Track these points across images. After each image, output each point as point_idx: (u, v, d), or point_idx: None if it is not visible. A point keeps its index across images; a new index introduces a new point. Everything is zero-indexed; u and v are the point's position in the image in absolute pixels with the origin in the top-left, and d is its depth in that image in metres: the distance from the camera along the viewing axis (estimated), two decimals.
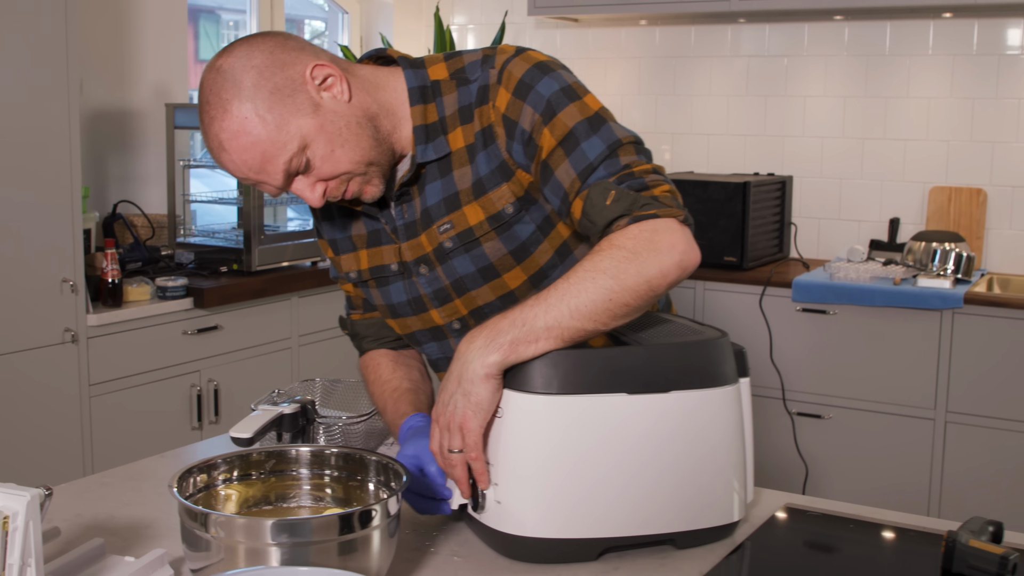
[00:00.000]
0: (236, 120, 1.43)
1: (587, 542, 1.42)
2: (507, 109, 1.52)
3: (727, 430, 1.47)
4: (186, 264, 3.79)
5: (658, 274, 1.41)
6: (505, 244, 1.57)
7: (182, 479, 1.31)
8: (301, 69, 1.47)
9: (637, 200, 1.44)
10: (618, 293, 1.39)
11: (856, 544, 1.56)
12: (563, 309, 1.38)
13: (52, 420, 3.19)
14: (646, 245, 1.41)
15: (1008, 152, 4.16)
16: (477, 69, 1.57)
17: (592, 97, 1.54)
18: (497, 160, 1.54)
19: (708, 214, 4.13)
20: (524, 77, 1.52)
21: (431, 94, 1.57)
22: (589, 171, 1.48)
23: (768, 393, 4.06)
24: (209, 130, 1.46)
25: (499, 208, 1.55)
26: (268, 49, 1.46)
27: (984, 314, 3.68)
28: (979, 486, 3.73)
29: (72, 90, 3.18)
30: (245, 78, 1.43)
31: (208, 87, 1.46)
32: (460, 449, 1.39)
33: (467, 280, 1.61)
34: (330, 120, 1.47)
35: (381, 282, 1.70)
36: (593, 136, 1.49)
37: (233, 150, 1.45)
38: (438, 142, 1.56)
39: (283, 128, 1.44)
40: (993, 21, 4.12)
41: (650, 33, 4.78)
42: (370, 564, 1.23)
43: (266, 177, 1.47)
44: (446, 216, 1.58)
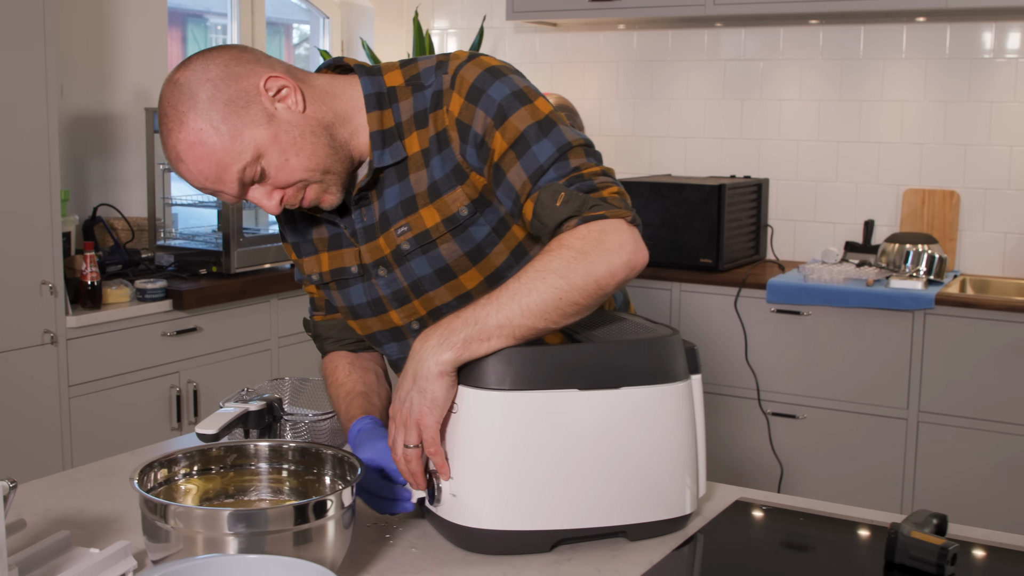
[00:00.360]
0: (192, 132, 1.47)
1: (540, 534, 1.46)
2: (460, 113, 1.56)
3: (678, 425, 1.52)
4: (166, 266, 3.83)
5: (606, 273, 1.45)
6: (461, 246, 1.61)
7: (143, 473, 1.35)
8: (255, 81, 1.51)
9: (586, 202, 1.48)
10: (568, 292, 1.43)
11: (804, 536, 1.60)
12: (514, 308, 1.42)
13: (31, 421, 3.22)
14: (595, 245, 1.45)
15: (980, 154, 4.22)
16: (431, 75, 1.61)
17: (543, 100, 1.58)
18: (452, 163, 1.58)
19: (684, 216, 4.18)
20: (476, 82, 1.56)
21: (387, 100, 1.61)
22: (540, 173, 1.52)
23: (743, 393, 4.11)
24: (167, 141, 1.50)
25: (454, 210, 1.59)
26: (223, 62, 1.51)
27: (955, 315, 3.73)
28: (951, 484, 3.78)
29: (51, 94, 3.22)
30: (201, 91, 1.48)
31: (166, 100, 1.50)
32: (416, 444, 1.43)
33: (424, 281, 1.65)
34: (284, 130, 1.52)
35: (341, 284, 1.74)
36: (543, 139, 1.53)
37: (190, 160, 1.49)
38: (394, 147, 1.60)
39: (237, 139, 1.48)
40: (965, 25, 4.18)
41: (628, 37, 4.83)
42: (325, 554, 1.27)
43: (222, 186, 1.51)
44: (403, 219, 1.62)
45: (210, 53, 1.53)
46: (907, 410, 3.85)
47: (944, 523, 1.51)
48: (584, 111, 4.91)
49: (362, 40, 4.94)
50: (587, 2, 4.46)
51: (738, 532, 1.61)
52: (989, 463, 3.72)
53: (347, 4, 5.25)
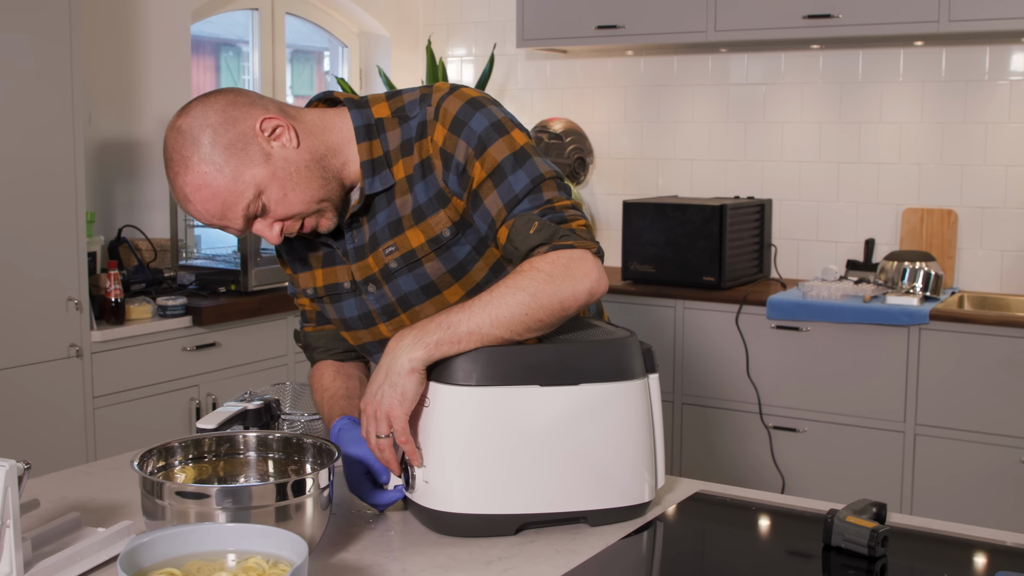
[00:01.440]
0: (197, 175, 1.62)
1: (506, 518, 1.60)
2: (444, 143, 1.70)
3: (634, 419, 1.65)
4: (187, 285, 4.00)
5: (570, 296, 1.61)
6: (444, 264, 1.76)
7: (143, 460, 1.50)
8: (252, 123, 1.65)
9: (557, 231, 1.64)
10: (534, 309, 1.58)
11: (753, 524, 1.74)
12: (484, 317, 1.57)
13: (57, 430, 3.39)
14: (562, 271, 1.61)
15: (977, 174, 4.33)
16: (416, 107, 1.75)
17: (519, 132, 1.73)
18: (435, 189, 1.72)
19: (687, 236, 4.31)
20: (458, 113, 1.70)
21: (375, 131, 1.75)
22: (515, 203, 1.67)
23: (745, 408, 4.23)
24: (175, 184, 1.65)
25: (437, 232, 1.73)
26: (220, 108, 1.65)
27: (949, 330, 3.84)
28: (947, 495, 3.88)
29: (77, 122, 3.40)
30: (202, 136, 1.62)
31: (171, 146, 1.64)
32: (387, 435, 1.58)
33: (411, 297, 1.79)
34: (281, 167, 1.66)
35: (335, 298, 1.88)
36: (519, 170, 1.68)
37: (196, 201, 1.64)
38: (383, 174, 1.74)
39: (238, 179, 1.63)
40: (960, 49, 4.30)
41: (635, 63, 4.98)
42: (304, 530, 1.42)
43: (227, 222, 1.66)
44: (390, 239, 1.75)
45: (208, 99, 1.67)
46: (904, 423, 3.95)
47: (883, 511, 1.64)
48: (593, 135, 5.07)
49: (379, 68, 5.12)
50: (595, 29, 4.62)
51: (692, 520, 1.74)
52: (985, 474, 3.82)
53: (365, 33, 5.43)
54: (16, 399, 3.29)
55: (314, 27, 5.28)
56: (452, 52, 5.45)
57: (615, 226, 4.99)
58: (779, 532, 1.72)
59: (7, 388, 3.27)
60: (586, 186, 5.11)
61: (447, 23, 5.45)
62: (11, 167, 3.25)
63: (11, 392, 3.28)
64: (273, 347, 4.06)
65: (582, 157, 4.98)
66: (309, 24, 5.24)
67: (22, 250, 3.29)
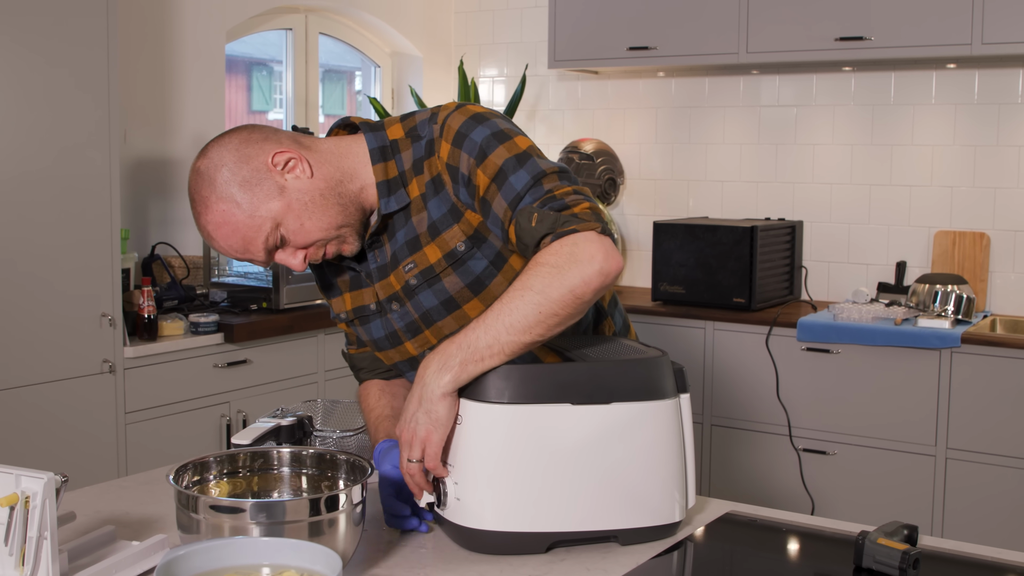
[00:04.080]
0: (217, 213, 1.68)
1: (537, 536, 1.60)
2: (449, 158, 1.73)
3: (666, 439, 1.65)
4: (219, 302, 4.03)
5: (581, 283, 1.58)
6: (462, 278, 1.77)
7: (178, 474, 1.51)
8: (264, 159, 1.70)
9: (558, 219, 1.63)
10: (547, 306, 1.57)
11: (783, 545, 1.73)
12: (500, 327, 1.57)
13: (90, 445, 3.42)
14: (567, 259, 1.59)
15: (1010, 197, 4.31)
16: (426, 126, 1.78)
17: (522, 138, 1.73)
18: (448, 204, 1.74)
19: (718, 257, 4.31)
20: (461, 128, 1.73)
21: (390, 152, 1.78)
22: (517, 200, 1.67)
23: (775, 430, 4.22)
24: (198, 222, 1.72)
25: (452, 247, 1.75)
26: (234, 146, 1.70)
27: (981, 353, 3.82)
28: (978, 518, 3.85)
29: (113, 140, 3.44)
30: (218, 176, 1.68)
31: (192, 187, 1.71)
32: (419, 460, 1.59)
33: (433, 312, 1.81)
34: (296, 198, 1.70)
35: (363, 320, 1.91)
36: (520, 170, 1.68)
37: (219, 237, 1.70)
38: (399, 194, 1.77)
39: (255, 214, 1.68)
40: (993, 71, 4.29)
41: (667, 84, 4.99)
42: (336, 545, 1.43)
43: (251, 255, 1.72)
44: (409, 257, 1.78)
45: (223, 139, 1.72)
46: (935, 446, 3.93)
47: (915, 533, 1.63)
48: (624, 156, 5.08)
49: (411, 88, 5.16)
50: (626, 51, 4.64)
51: (722, 540, 1.74)
52: (1016, 497, 3.79)
53: (397, 53, 5.47)
54: (50, 413, 3.33)
55: (346, 47, 5.33)
56: (484, 72, 5.48)
57: (645, 247, 5.00)
58: (809, 554, 1.72)
59: (41, 402, 3.30)
60: (617, 207, 5.12)
61: (479, 43, 5.49)
62: (48, 184, 3.29)
63: (45, 406, 3.31)
64: (304, 364, 4.09)
65: (613, 178, 4.99)
66: (342, 44, 5.29)
67: (57, 266, 3.33)
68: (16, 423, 3.25)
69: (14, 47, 3.21)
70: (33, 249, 3.28)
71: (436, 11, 5.47)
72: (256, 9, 4.62)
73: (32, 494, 1.36)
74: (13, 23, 3.20)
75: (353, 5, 5.03)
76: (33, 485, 1.36)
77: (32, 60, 3.25)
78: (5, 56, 3.20)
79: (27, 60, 3.24)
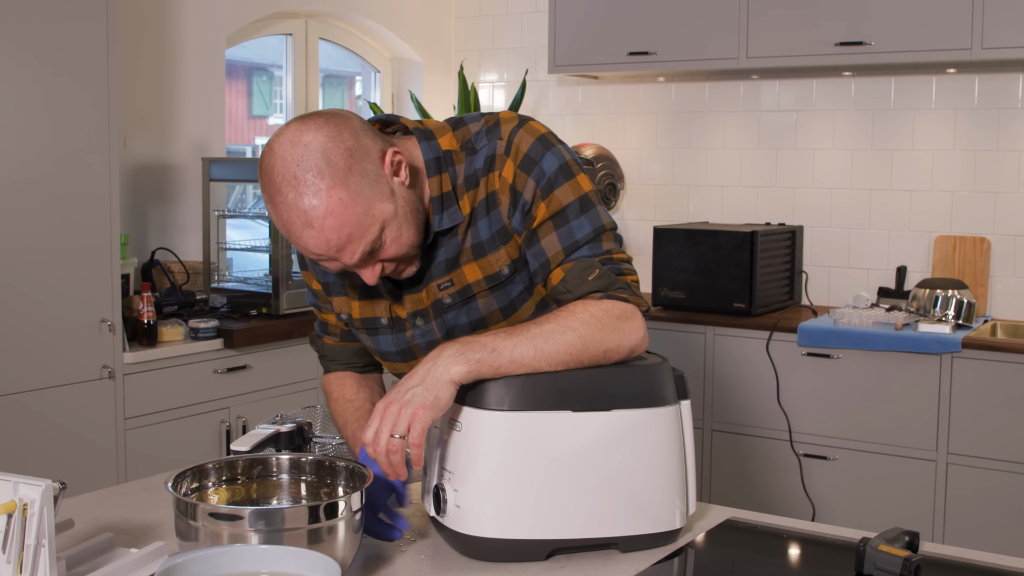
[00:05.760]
0: (332, 200, 1.51)
1: (537, 543, 1.59)
2: (514, 180, 1.68)
3: (666, 446, 1.65)
4: (219, 307, 4.03)
5: (615, 348, 1.62)
6: (497, 301, 1.75)
7: (176, 481, 1.50)
8: (379, 154, 1.59)
9: (615, 282, 1.66)
10: (579, 352, 1.59)
11: (784, 551, 1.73)
12: (529, 349, 1.56)
13: (89, 451, 3.42)
14: (613, 322, 1.63)
15: (1010, 202, 4.31)
16: (483, 138, 1.71)
17: (584, 177, 1.71)
18: (499, 225, 1.71)
19: (718, 262, 4.30)
20: (530, 151, 1.68)
21: (444, 164, 1.70)
22: (574, 247, 1.68)
23: (776, 435, 4.21)
24: (295, 206, 1.52)
25: (497, 269, 1.72)
26: (353, 132, 1.56)
27: (982, 358, 3.81)
28: (980, 524, 3.84)
29: (113, 145, 3.44)
30: (339, 159, 1.52)
31: (294, 161, 1.51)
32: (403, 436, 1.50)
33: (457, 331, 1.77)
34: (401, 205, 1.60)
35: (372, 332, 1.86)
36: (582, 216, 1.68)
37: (322, 228, 1.52)
38: (452, 211, 1.70)
39: (370, 212, 1.55)
40: (993, 76, 4.29)
41: (667, 89, 4.99)
42: (336, 553, 1.42)
43: (343, 256, 1.57)
44: (446, 275, 1.73)
45: (334, 118, 1.57)
46: (936, 451, 3.92)
47: (916, 540, 1.63)
48: (625, 161, 5.07)
49: (411, 93, 5.16)
50: (627, 55, 4.63)
51: (723, 547, 1.74)
52: (1018, 503, 3.78)
53: (397, 59, 5.47)
54: (49, 419, 3.32)
55: (347, 52, 5.32)
56: (484, 77, 5.48)
57: (646, 252, 4.99)
58: (810, 560, 1.71)
59: (41, 408, 3.30)
60: (617, 212, 5.12)
61: (479, 49, 5.49)
62: (48, 189, 3.29)
63: (44, 412, 3.31)
64: (303, 370, 4.08)
65: (613, 183, 4.99)
66: (342, 49, 5.29)
67: (57, 271, 3.33)
68: (15, 428, 3.25)
69: (14, 52, 3.21)
70: (33, 254, 3.27)
71: (436, 16, 5.47)
72: (256, 14, 4.62)
73: (30, 501, 1.35)
74: (13, 29, 3.20)
75: (353, 10, 5.03)
76: (31, 492, 1.35)
77: (32, 65, 3.24)
78: (4, 62, 3.19)
79: (27, 66, 3.24)
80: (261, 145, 5.09)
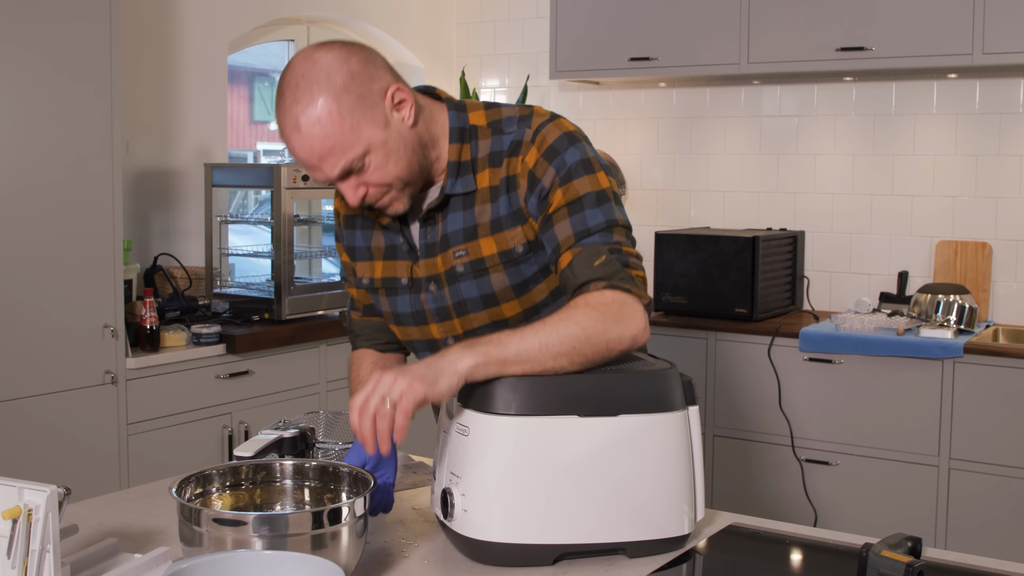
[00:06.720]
0: (320, 110, 1.62)
1: (544, 548, 1.60)
2: (534, 166, 1.76)
3: (674, 451, 1.65)
4: (221, 313, 4.03)
5: (617, 339, 1.65)
6: (510, 278, 1.80)
7: (181, 487, 1.51)
8: (384, 87, 1.69)
9: (619, 272, 1.70)
10: (582, 343, 1.61)
11: (787, 556, 1.73)
12: (535, 342, 1.59)
13: (92, 456, 3.42)
14: (615, 313, 1.65)
15: (1012, 207, 4.31)
16: (514, 124, 1.80)
17: (604, 175, 1.79)
18: (515, 206, 1.78)
19: (719, 267, 4.30)
20: (555, 143, 1.77)
21: (468, 136, 1.80)
22: (585, 234, 1.73)
23: (777, 440, 4.21)
24: (290, 110, 1.64)
25: (511, 246, 1.79)
26: (362, 60, 1.68)
27: (984, 363, 3.81)
28: (982, 529, 3.84)
29: (116, 152, 3.44)
30: (338, 78, 1.64)
31: (300, 72, 1.64)
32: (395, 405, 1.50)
33: (469, 303, 1.83)
34: (393, 138, 1.69)
35: (390, 292, 1.91)
36: (597, 208, 1.74)
37: (307, 136, 1.64)
38: (466, 179, 1.79)
39: (356, 131, 1.65)
40: (994, 81, 4.29)
41: (668, 95, 5.00)
42: (339, 558, 1.42)
43: (323, 168, 1.67)
44: (463, 244, 1.80)
45: (351, 47, 1.70)
46: (938, 456, 3.92)
47: (918, 545, 1.62)
48: (626, 166, 5.08)
49: None
50: (628, 61, 4.64)
51: (727, 552, 1.74)
52: (1020, 509, 3.78)
53: (398, 64, 5.46)
54: (52, 425, 3.32)
55: None
56: (485, 83, 5.48)
57: (647, 257, 4.99)
58: (813, 566, 1.71)
59: (43, 414, 3.30)
60: None
61: (480, 54, 5.49)
62: (50, 195, 3.29)
63: (47, 417, 3.31)
64: (306, 375, 4.08)
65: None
66: None
67: (59, 277, 3.33)
68: (18, 434, 3.25)
69: (17, 54, 3.21)
70: (35, 260, 3.28)
71: (438, 22, 5.47)
72: (258, 20, 4.62)
73: (35, 507, 1.36)
74: (16, 39, 3.20)
75: (355, 16, 5.04)
76: (36, 498, 1.36)
77: (35, 72, 3.25)
78: (5, 73, 3.20)
79: (30, 72, 3.24)
80: (263, 151, 5.11)
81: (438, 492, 1.65)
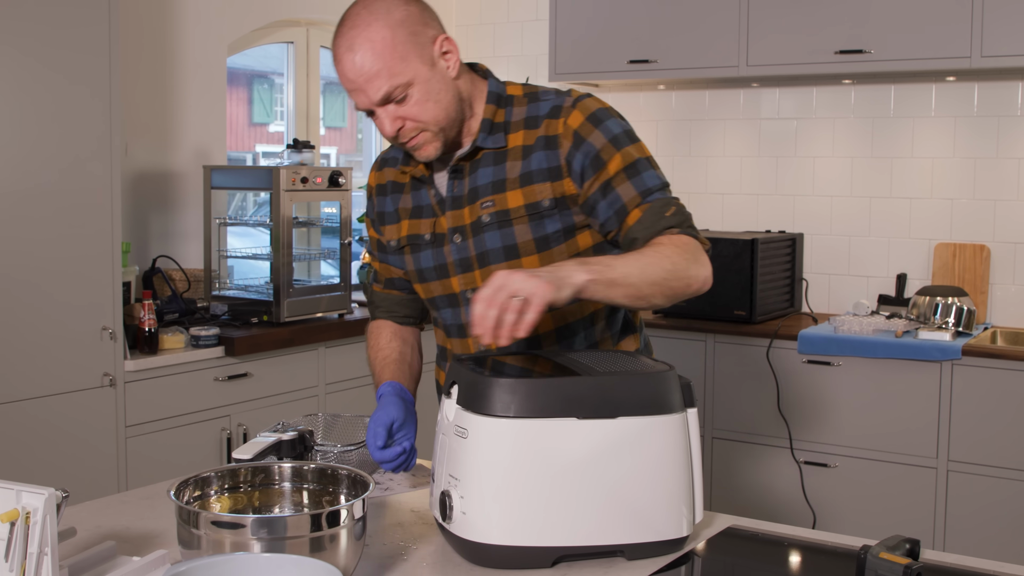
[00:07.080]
0: (376, 32, 1.76)
1: (543, 550, 1.60)
2: (580, 127, 1.87)
3: (672, 453, 1.65)
4: (220, 315, 4.03)
5: (695, 278, 1.78)
6: (532, 231, 1.89)
7: (179, 490, 1.51)
8: (435, 33, 1.83)
9: (688, 220, 1.86)
10: (671, 276, 1.74)
11: (785, 558, 1.73)
12: (636, 268, 1.71)
13: (90, 459, 3.42)
14: (694, 254, 1.80)
15: (1010, 209, 4.31)
16: (551, 94, 1.93)
17: (644, 144, 1.93)
18: (554, 162, 1.88)
19: (718, 270, 4.23)
20: (598, 112, 1.89)
21: (504, 102, 1.94)
22: (648, 193, 1.86)
23: (776, 442, 4.21)
24: (347, 33, 1.78)
25: (538, 199, 1.88)
26: (420, 7, 1.84)
27: (982, 365, 3.82)
28: (980, 531, 3.84)
29: (115, 154, 3.44)
30: (397, 13, 1.79)
31: (363, 4, 1.80)
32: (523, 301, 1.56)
33: (491, 255, 1.92)
34: (436, 80, 1.82)
35: (415, 248, 2.01)
36: (651, 170, 1.89)
37: (360, 52, 1.76)
38: (497, 137, 1.91)
39: (405, 60, 1.78)
40: (992, 84, 4.30)
41: (667, 97, 5.00)
42: (338, 560, 1.42)
43: (369, 88, 1.78)
44: (491, 195, 1.91)
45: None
46: (936, 459, 3.92)
47: (916, 547, 1.63)
48: None
49: None
50: (627, 63, 4.64)
51: (725, 554, 1.74)
52: (1018, 510, 3.78)
53: None
54: (51, 427, 3.32)
55: None
56: None
57: None
58: (812, 568, 1.71)
59: (42, 416, 3.30)
60: None
61: (480, 56, 5.49)
62: (49, 197, 3.29)
63: (46, 420, 3.30)
64: (305, 378, 4.08)
65: None
66: None
67: (58, 279, 3.33)
68: (17, 436, 3.24)
69: (15, 56, 3.21)
70: (34, 262, 3.28)
71: None
72: (257, 22, 4.62)
73: (33, 510, 1.36)
74: (14, 41, 3.20)
75: None
76: (34, 501, 1.36)
77: (32, 74, 3.25)
78: (3, 75, 3.20)
79: (27, 74, 3.24)
80: (262, 153, 5.10)
81: (437, 494, 1.65)
